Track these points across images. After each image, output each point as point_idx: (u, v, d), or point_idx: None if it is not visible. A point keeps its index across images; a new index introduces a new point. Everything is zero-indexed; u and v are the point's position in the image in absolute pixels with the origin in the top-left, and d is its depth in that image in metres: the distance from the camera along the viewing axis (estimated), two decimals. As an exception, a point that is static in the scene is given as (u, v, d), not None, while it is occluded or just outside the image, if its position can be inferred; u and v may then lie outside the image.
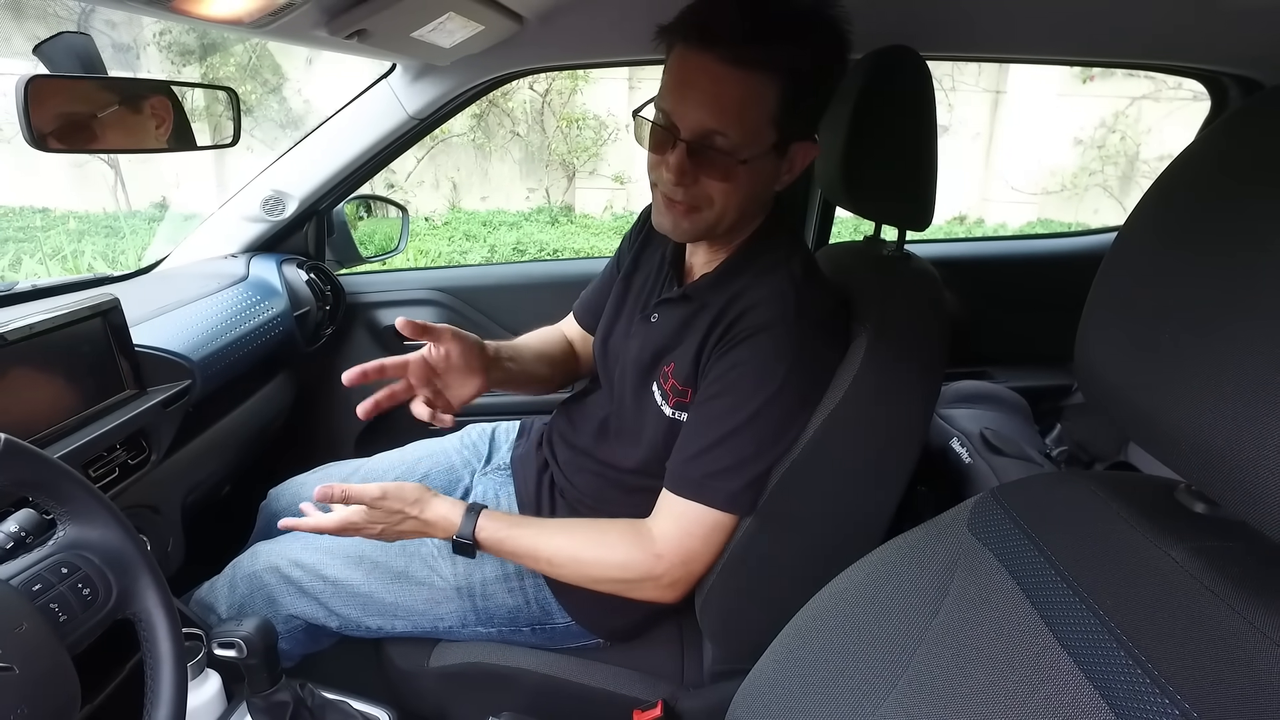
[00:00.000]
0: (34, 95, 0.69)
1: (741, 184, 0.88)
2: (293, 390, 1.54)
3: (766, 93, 0.82)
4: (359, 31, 0.95)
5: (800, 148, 0.91)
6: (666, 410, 0.99)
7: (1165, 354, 0.43)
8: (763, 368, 0.89)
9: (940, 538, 0.62)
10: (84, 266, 4.41)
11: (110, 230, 5.62)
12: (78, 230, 5.48)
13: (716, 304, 0.95)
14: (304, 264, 1.52)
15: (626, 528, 0.97)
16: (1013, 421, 1.25)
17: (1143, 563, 0.46)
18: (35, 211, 5.92)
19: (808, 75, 0.83)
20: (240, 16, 0.78)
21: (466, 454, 1.30)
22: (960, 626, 0.56)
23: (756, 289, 0.92)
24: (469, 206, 6.48)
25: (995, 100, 6.31)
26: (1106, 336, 0.49)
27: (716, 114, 0.82)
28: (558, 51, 1.34)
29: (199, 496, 1.25)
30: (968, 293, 1.66)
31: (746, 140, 0.84)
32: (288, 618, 1.09)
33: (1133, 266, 0.48)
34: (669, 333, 1.00)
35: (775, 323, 0.89)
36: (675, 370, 0.97)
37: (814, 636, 0.69)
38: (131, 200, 6.25)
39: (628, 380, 1.05)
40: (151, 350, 1.07)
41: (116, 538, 0.68)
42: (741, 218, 0.94)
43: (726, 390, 0.91)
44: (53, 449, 0.88)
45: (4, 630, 0.55)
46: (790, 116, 0.85)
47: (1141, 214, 0.49)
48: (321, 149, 1.45)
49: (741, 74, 0.81)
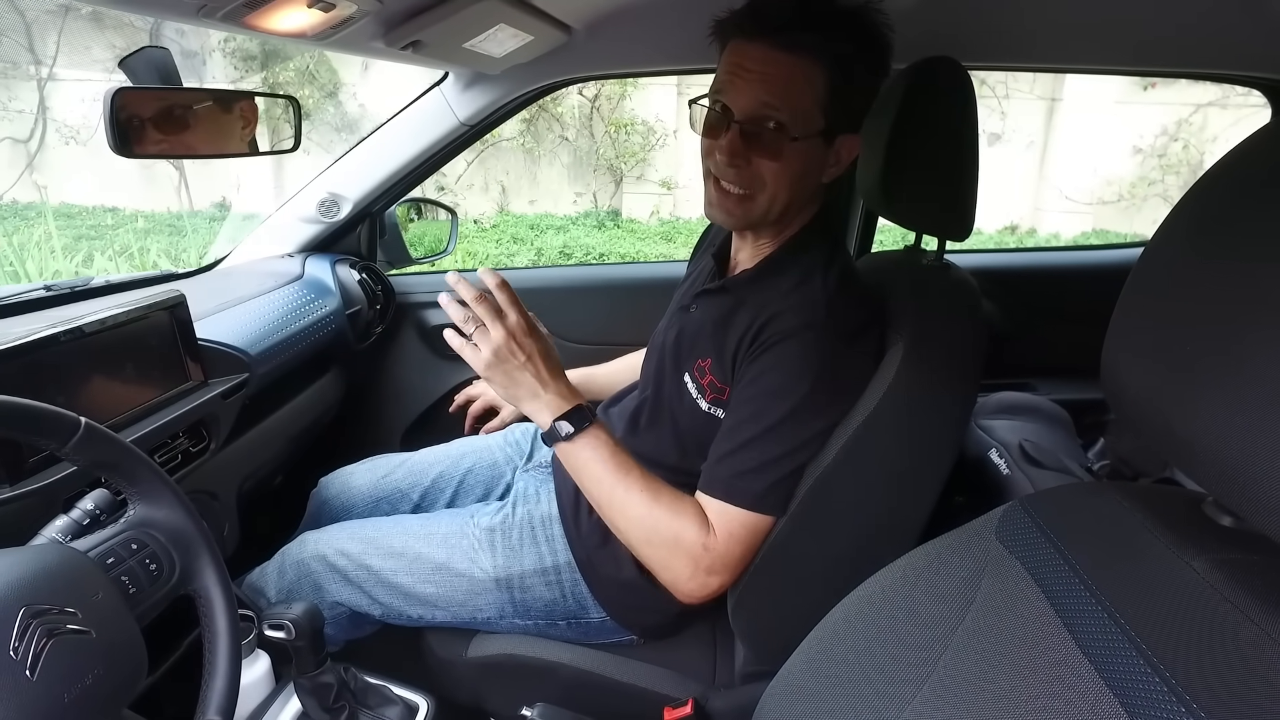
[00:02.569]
0: (119, 105, 0.74)
1: (792, 165, 0.92)
2: (343, 385, 1.59)
3: (815, 77, 0.88)
4: (414, 43, 0.99)
5: (846, 141, 0.95)
6: (703, 405, 1.01)
7: (1188, 364, 0.43)
8: (788, 374, 0.91)
9: (969, 545, 0.63)
10: (149, 263, 4.60)
11: (174, 229, 5.85)
12: (144, 229, 5.71)
13: (752, 304, 0.97)
14: (356, 264, 1.58)
15: (698, 509, 0.95)
16: (1053, 434, 1.23)
17: (1165, 573, 0.47)
18: (106, 210, 6.20)
19: (852, 65, 0.90)
20: (305, 30, 0.83)
21: (509, 451, 1.34)
22: (986, 632, 0.57)
23: (790, 295, 0.95)
24: (517, 210, 6.56)
25: (1050, 108, 6.17)
26: (1131, 345, 0.49)
27: (768, 94, 0.89)
28: (605, 61, 1.37)
29: (253, 484, 1.30)
30: (1012, 304, 1.64)
31: (796, 120, 0.90)
32: (333, 604, 1.13)
33: (1160, 276, 0.49)
34: (703, 322, 1.03)
35: (802, 330, 0.91)
36: (713, 367, 1.00)
37: (841, 639, 0.70)
38: (194, 200, 6.50)
39: (664, 369, 1.08)
40: (213, 344, 1.13)
41: (181, 519, 0.73)
42: (791, 204, 0.97)
43: (754, 394, 0.93)
44: (124, 434, 0.93)
45: (83, 597, 0.59)
46: (836, 104, 0.91)
47: (1172, 224, 0.49)
48: (375, 154, 1.50)
49: (792, 58, 0.87)
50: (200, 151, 0.91)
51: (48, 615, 0.56)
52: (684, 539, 0.93)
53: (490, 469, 1.31)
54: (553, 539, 1.12)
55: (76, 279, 1.32)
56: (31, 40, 6.10)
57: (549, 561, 1.10)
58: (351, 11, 0.83)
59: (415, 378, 1.77)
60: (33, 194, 6.30)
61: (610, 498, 0.95)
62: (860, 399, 0.91)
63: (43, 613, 0.56)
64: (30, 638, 0.54)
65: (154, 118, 0.79)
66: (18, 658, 0.53)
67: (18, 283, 3.88)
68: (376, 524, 1.18)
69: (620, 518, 0.96)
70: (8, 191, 6.27)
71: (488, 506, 1.19)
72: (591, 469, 0.95)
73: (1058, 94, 6.09)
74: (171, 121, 0.82)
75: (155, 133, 0.79)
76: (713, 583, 0.95)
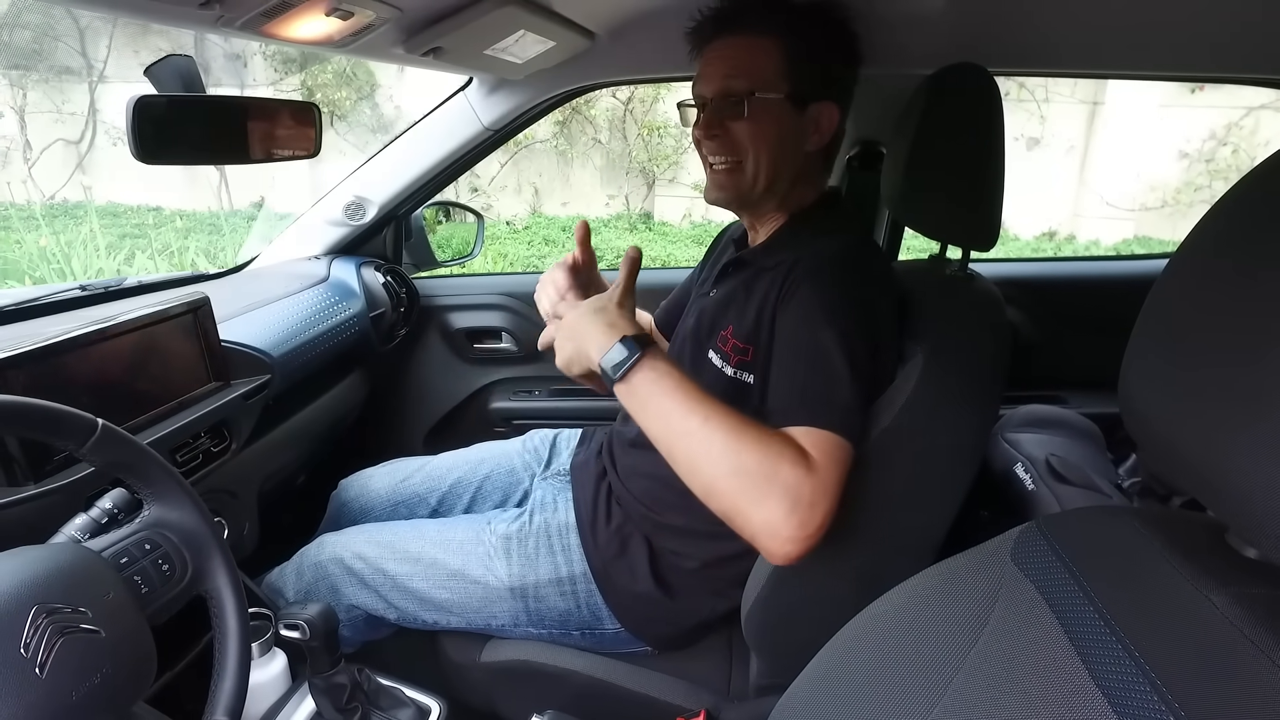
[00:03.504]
0: (140, 113, 0.75)
1: (763, 125, 0.98)
2: (366, 388, 1.61)
3: (770, 49, 0.97)
4: (434, 49, 1.00)
5: (822, 108, 1.00)
6: (728, 371, 1.00)
7: (1208, 390, 0.41)
8: (822, 305, 0.88)
9: (983, 566, 0.62)
10: (188, 262, 4.71)
11: (213, 228, 6.00)
12: (184, 228, 5.86)
13: (771, 264, 1.00)
14: (381, 267, 1.59)
15: (786, 437, 0.82)
16: (1083, 449, 1.20)
17: (1182, 606, 0.45)
18: (149, 210, 6.38)
19: (805, 35, 0.98)
20: (325, 38, 0.84)
21: (528, 458, 1.34)
22: (998, 657, 0.55)
23: (808, 246, 0.97)
24: (550, 212, 6.61)
25: (1092, 111, 6.04)
26: (1149, 368, 0.47)
27: (729, 70, 0.98)
28: (629, 67, 1.37)
29: (274, 484, 1.32)
30: (1041, 314, 1.60)
31: (757, 84, 0.97)
32: (349, 607, 1.14)
33: (1180, 296, 0.47)
34: (724, 298, 1.05)
35: (827, 265, 0.92)
36: (735, 330, 0.99)
37: (852, 657, 0.69)
38: (233, 200, 6.66)
39: (685, 353, 1.08)
40: (236, 346, 1.14)
41: (194, 520, 0.74)
42: (778, 172, 1.01)
43: (796, 336, 0.89)
44: (144, 435, 0.95)
45: (95, 597, 0.60)
46: (798, 72, 0.97)
47: (1195, 240, 0.47)
48: (401, 158, 1.52)
49: (745, 39, 0.98)
50: (221, 158, 0.93)
51: (59, 614, 0.57)
52: (781, 468, 0.79)
53: (508, 475, 1.31)
54: (569, 549, 1.12)
55: (110, 279, 1.35)
56: (84, 45, 6.30)
57: (564, 572, 1.10)
58: (370, 19, 0.84)
59: (438, 381, 1.79)
60: (84, 193, 6.52)
61: (692, 420, 0.82)
62: (879, 409, 0.89)
63: (54, 611, 0.57)
64: (41, 636, 0.55)
65: (177, 125, 0.80)
66: (28, 655, 0.54)
67: (64, 280, 4.01)
68: (394, 528, 1.19)
69: (705, 445, 0.81)
70: (59, 191, 6.49)
71: (505, 513, 1.19)
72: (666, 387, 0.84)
73: (1100, 97, 5.96)
74: (194, 129, 0.83)
75: (177, 140, 0.81)
76: (815, 517, 0.79)
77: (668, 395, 0.83)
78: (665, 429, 0.84)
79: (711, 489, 0.82)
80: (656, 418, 0.84)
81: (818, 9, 1.00)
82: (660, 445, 0.85)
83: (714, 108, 1.00)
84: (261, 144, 0.89)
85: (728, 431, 0.81)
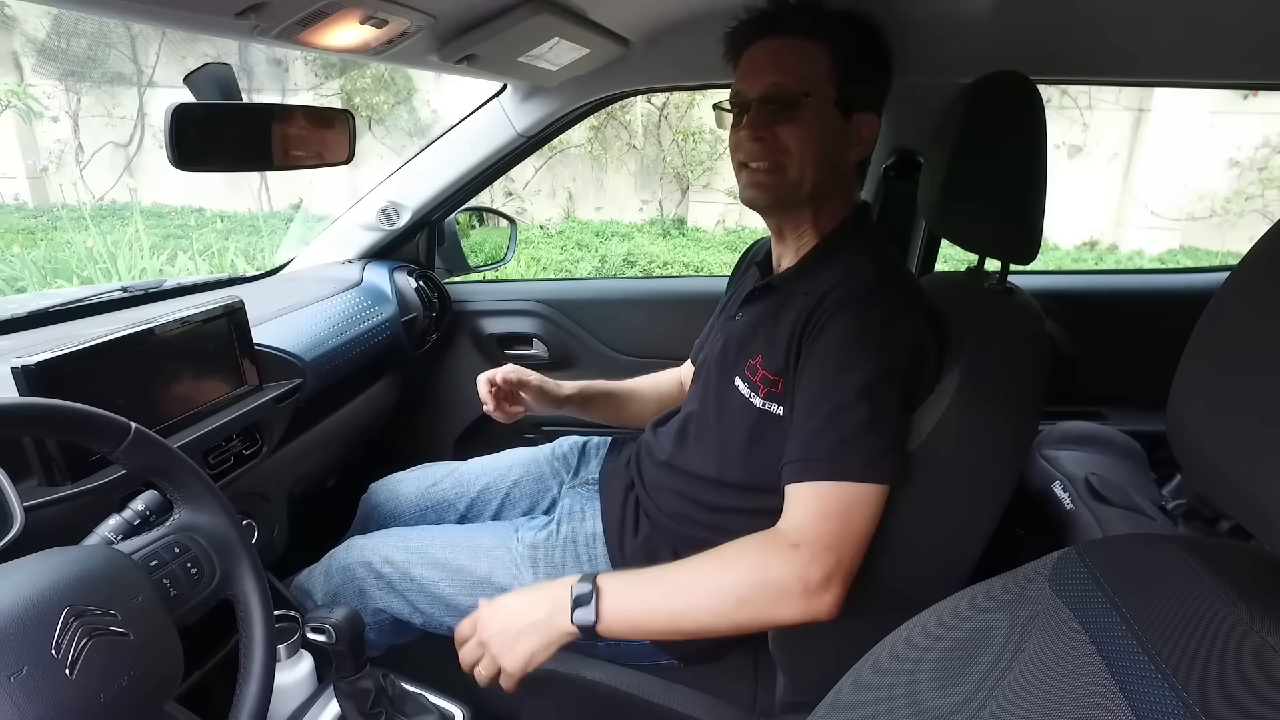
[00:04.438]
0: (179, 120, 0.76)
1: (811, 130, 0.96)
2: (397, 392, 1.62)
3: (818, 53, 0.96)
4: (468, 56, 1.00)
5: (864, 118, 0.99)
6: (756, 401, 0.98)
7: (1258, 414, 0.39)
8: (852, 342, 0.88)
9: (1019, 591, 0.59)
10: (228, 263, 4.81)
11: (252, 229, 6.12)
12: (225, 229, 5.99)
13: (799, 293, 0.98)
14: (414, 272, 1.61)
15: (749, 538, 0.87)
16: (1124, 468, 1.16)
17: (1235, 646, 0.43)
18: (192, 211, 6.54)
19: (850, 42, 0.97)
20: (359, 46, 0.84)
21: (557, 465, 1.34)
22: (1034, 688, 0.53)
23: (837, 274, 0.96)
24: (583, 216, 6.64)
25: (1137, 119, 5.89)
26: (1201, 391, 0.45)
27: (777, 74, 0.96)
28: (663, 74, 1.37)
29: (305, 487, 1.34)
30: (1082, 328, 1.56)
31: (806, 87, 0.96)
32: (376, 610, 1.14)
33: (1239, 316, 0.45)
34: (752, 323, 1.03)
35: (857, 298, 0.91)
36: (765, 361, 0.98)
37: (882, 678, 0.67)
38: (273, 202, 6.79)
39: (711, 379, 1.06)
40: (269, 349, 1.16)
41: (223, 525, 0.75)
42: (820, 179, 0.99)
43: (822, 373, 0.89)
44: (178, 437, 0.97)
45: (125, 599, 0.61)
46: (844, 78, 0.96)
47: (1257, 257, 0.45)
48: (435, 163, 1.53)
49: (794, 41, 0.97)
50: (257, 165, 0.94)
51: (89, 616, 0.58)
52: (769, 569, 0.84)
53: (536, 483, 1.31)
54: (595, 559, 1.11)
55: (150, 281, 1.38)
56: (135, 52, 6.49)
57: None
58: (405, 28, 0.84)
59: (469, 386, 1.78)
60: (128, 196, 6.71)
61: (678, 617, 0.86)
62: (914, 424, 0.87)
63: (85, 613, 0.58)
64: (71, 638, 0.56)
65: (214, 132, 0.82)
66: (58, 656, 0.55)
67: (109, 279, 4.12)
68: (422, 533, 1.19)
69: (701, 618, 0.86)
70: (107, 193, 6.69)
71: (532, 521, 1.19)
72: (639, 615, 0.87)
73: (1145, 104, 5.82)
74: (230, 136, 0.84)
75: (214, 147, 0.82)
76: (833, 581, 0.83)
77: (645, 604, 0.87)
78: (664, 621, 0.87)
79: (737, 625, 0.86)
80: (647, 618, 0.87)
81: (863, 18, 0.99)
82: (670, 632, 0.89)
83: (761, 108, 0.97)
84: (296, 151, 0.90)
85: (706, 579, 0.86)
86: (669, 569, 0.89)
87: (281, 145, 0.88)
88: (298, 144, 0.90)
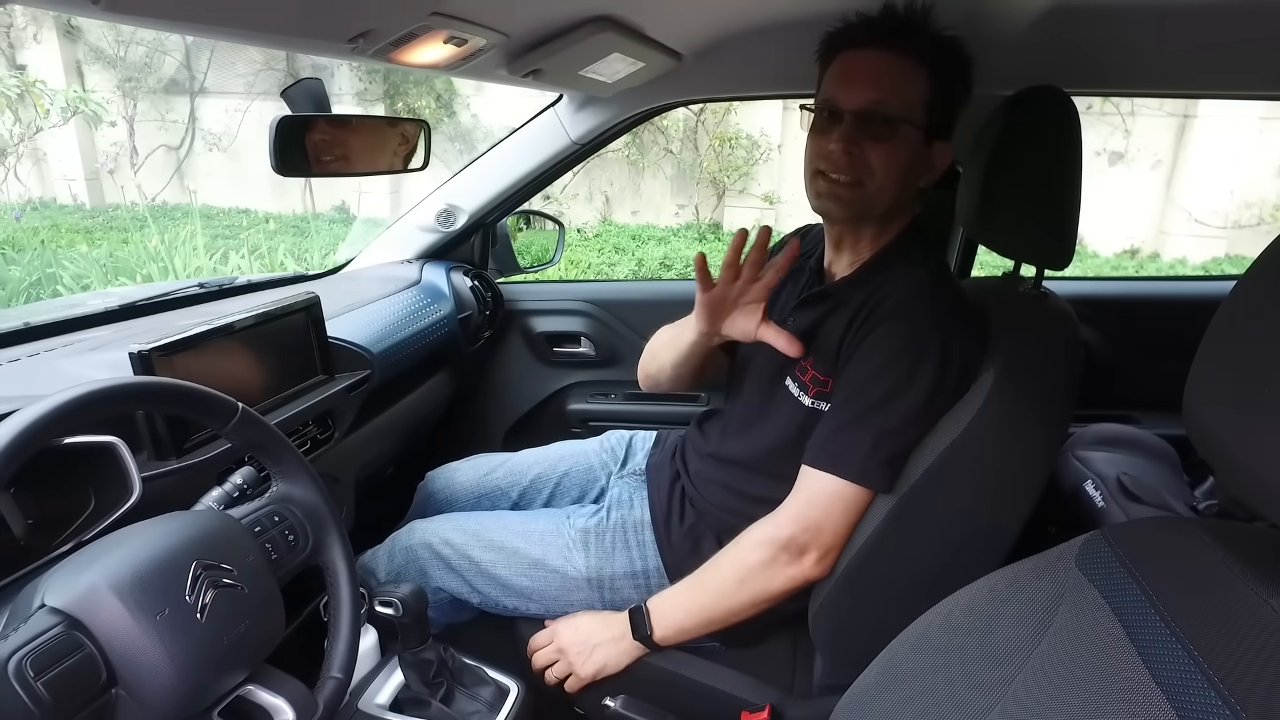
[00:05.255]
0: (280, 131, 0.85)
1: (899, 154, 0.99)
2: (452, 386, 1.70)
3: (918, 76, 0.98)
4: (534, 71, 1.07)
5: (940, 148, 1.03)
6: (806, 400, 1.05)
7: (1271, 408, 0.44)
8: (899, 348, 0.95)
9: (1048, 571, 0.64)
10: (277, 262, 4.96)
11: (297, 230, 6.29)
12: (273, 230, 6.17)
13: (854, 301, 1.02)
14: (469, 272, 1.69)
15: (753, 525, 1.03)
16: (1157, 469, 1.19)
17: (1242, 610, 0.47)
18: (240, 212, 6.74)
19: (946, 71, 0.99)
20: (440, 63, 0.92)
21: (605, 457, 1.40)
22: (1060, 658, 0.57)
23: (890, 284, 1.00)
24: (620, 220, 6.69)
25: (1182, 125, 5.80)
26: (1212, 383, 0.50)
27: (878, 91, 0.97)
28: (712, 85, 1.42)
29: (369, 473, 1.41)
30: (1119, 333, 1.58)
31: (904, 110, 0.98)
32: (435, 590, 1.21)
33: (1248, 314, 0.49)
34: (804, 329, 1.07)
35: (908, 309, 0.96)
36: (815, 363, 1.04)
37: (916, 655, 0.72)
38: (316, 204, 6.97)
39: (759, 379, 1.13)
40: (342, 342, 1.23)
41: (316, 498, 0.82)
42: (896, 200, 1.02)
43: (867, 369, 0.97)
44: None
45: (239, 558, 0.69)
46: (935, 105, 0.99)
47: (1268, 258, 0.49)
48: (492, 168, 1.60)
49: (899, 59, 0.97)
50: (347, 170, 1.02)
51: (213, 569, 0.66)
52: (763, 544, 1.01)
53: (586, 473, 1.37)
54: (644, 544, 1.17)
55: (224, 278, 1.47)
56: (189, 59, 6.72)
57: (639, 565, 1.15)
58: (481, 45, 0.92)
59: (519, 381, 1.87)
60: (180, 196, 6.94)
61: (717, 607, 1.04)
62: (948, 421, 0.92)
63: (210, 567, 0.66)
64: (200, 587, 0.64)
65: (311, 141, 0.89)
66: (191, 602, 0.63)
67: (167, 277, 4.29)
68: (479, 518, 1.26)
69: (728, 599, 1.04)
70: (159, 194, 6.92)
71: (583, 509, 1.25)
72: (680, 617, 1.06)
73: (1191, 110, 5.72)
74: (322, 144, 0.92)
75: (311, 154, 0.90)
76: (813, 553, 0.99)
77: (680, 608, 1.06)
78: (700, 618, 1.06)
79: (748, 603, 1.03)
80: (687, 619, 1.06)
81: (959, 46, 1.00)
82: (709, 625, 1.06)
83: (856, 123, 0.98)
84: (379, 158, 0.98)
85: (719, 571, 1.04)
86: (699, 573, 1.06)
87: (366, 152, 0.96)
88: (380, 151, 0.97)
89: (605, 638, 1.08)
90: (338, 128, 0.95)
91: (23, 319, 1.14)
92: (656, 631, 1.06)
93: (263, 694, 0.71)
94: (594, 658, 1.08)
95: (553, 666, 1.11)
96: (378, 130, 0.98)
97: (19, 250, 4.59)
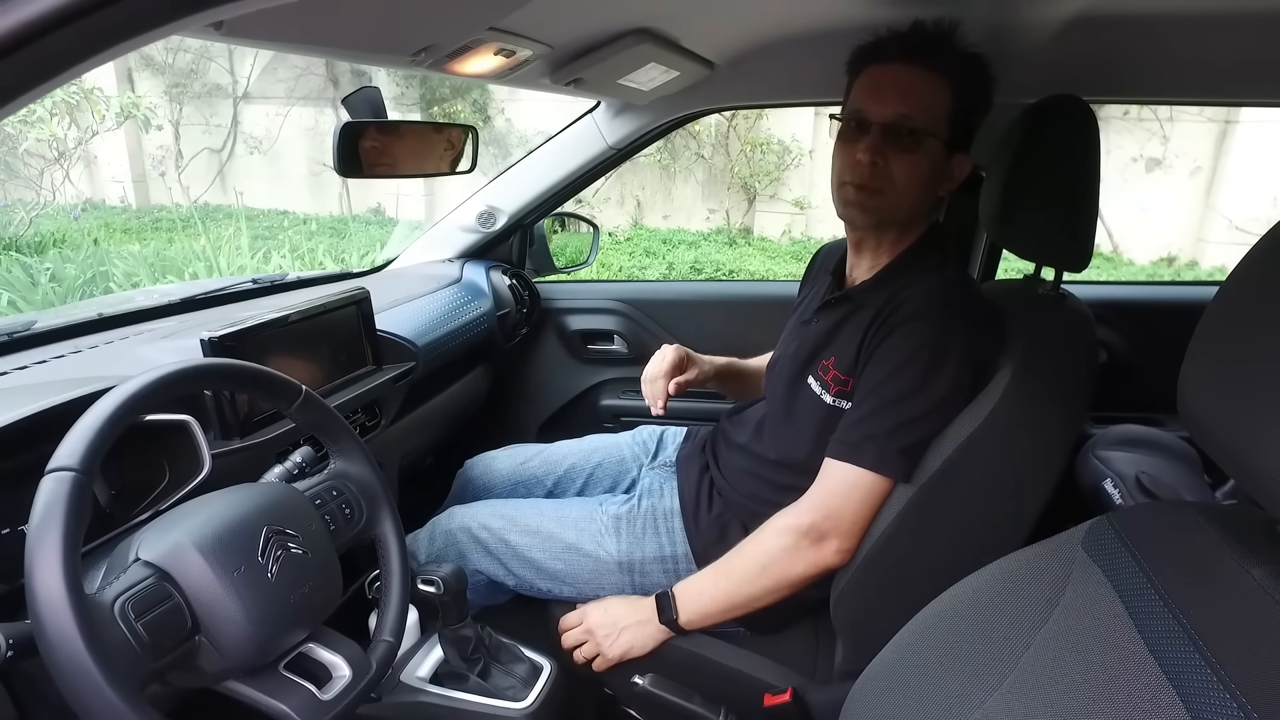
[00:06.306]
0: (344, 136, 0.91)
1: (921, 166, 1.03)
2: (490, 380, 1.77)
3: (943, 91, 1.02)
4: (576, 80, 1.13)
5: (960, 160, 1.07)
6: (827, 399, 1.10)
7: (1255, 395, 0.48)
8: (916, 348, 0.99)
9: (1055, 554, 0.68)
10: (316, 262, 5.10)
11: (334, 231, 6.43)
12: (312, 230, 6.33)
13: (874, 303, 1.07)
14: (507, 271, 1.75)
15: (776, 514, 1.08)
16: (1177, 470, 1.21)
17: (1225, 579, 0.51)
18: (279, 214, 6.92)
19: (970, 87, 1.03)
20: (489, 72, 0.98)
21: (636, 450, 1.46)
22: (1065, 633, 0.61)
23: (911, 286, 1.05)
24: (651, 224, 6.73)
25: (1223, 131, 5.70)
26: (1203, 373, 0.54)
27: (905, 105, 1.02)
28: (745, 93, 1.47)
29: (411, 461, 1.48)
30: (1142, 336, 1.60)
31: (928, 123, 1.02)
32: (473, 572, 1.27)
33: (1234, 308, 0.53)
34: (826, 330, 1.13)
35: (925, 311, 1.00)
36: (837, 363, 1.09)
37: (929, 633, 0.76)
38: (353, 206, 7.13)
39: (783, 379, 1.18)
40: (389, 335, 1.30)
41: (370, 476, 0.89)
42: (916, 209, 1.07)
43: (885, 368, 1.01)
44: (321, 406, 1.11)
45: (304, 525, 0.75)
46: (958, 119, 1.03)
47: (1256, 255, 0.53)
48: (531, 172, 1.67)
49: (926, 74, 1.02)
50: (403, 172, 1.09)
51: (282, 534, 0.72)
52: (783, 532, 1.05)
53: (618, 464, 1.43)
54: (673, 531, 1.22)
55: (275, 275, 1.55)
56: (232, 64, 6.93)
57: (668, 551, 1.20)
58: (528, 56, 0.98)
59: (553, 377, 1.93)
60: (222, 198, 7.14)
61: (739, 591, 1.09)
62: (966, 415, 0.96)
63: (279, 532, 0.72)
64: (270, 550, 0.70)
65: (367, 145, 0.96)
66: (263, 562, 0.69)
67: (212, 275, 4.44)
68: (516, 504, 1.32)
69: (750, 584, 1.08)
70: (201, 196, 7.14)
71: (615, 497, 1.31)
72: (705, 602, 1.11)
73: (1233, 116, 5.62)
74: (379, 149, 0.99)
75: (371, 158, 0.96)
76: (833, 540, 1.04)
77: (705, 593, 1.10)
78: (724, 604, 1.10)
79: (770, 589, 1.08)
80: (711, 604, 1.10)
81: (983, 63, 1.05)
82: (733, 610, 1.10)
83: (882, 135, 1.02)
84: (431, 161, 1.04)
85: (742, 558, 1.09)
86: (723, 560, 1.10)
87: (417, 156, 1.02)
88: (429, 155, 1.04)
89: (632, 621, 1.13)
90: (392, 133, 1.01)
91: (97, 310, 1.22)
92: (682, 616, 1.10)
93: (323, 651, 0.77)
94: (621, 640, 1.13)
95: (581, 647, 1.16)
96: (427, 136, 1.05)
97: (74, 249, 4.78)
